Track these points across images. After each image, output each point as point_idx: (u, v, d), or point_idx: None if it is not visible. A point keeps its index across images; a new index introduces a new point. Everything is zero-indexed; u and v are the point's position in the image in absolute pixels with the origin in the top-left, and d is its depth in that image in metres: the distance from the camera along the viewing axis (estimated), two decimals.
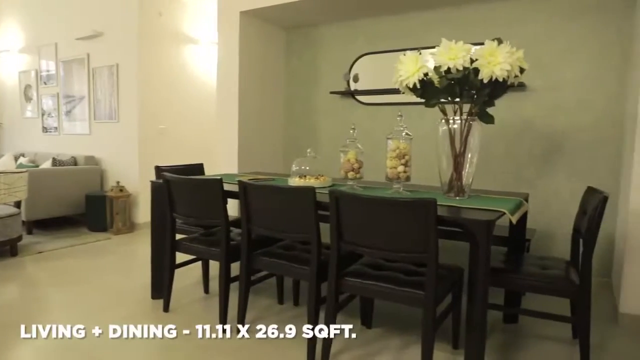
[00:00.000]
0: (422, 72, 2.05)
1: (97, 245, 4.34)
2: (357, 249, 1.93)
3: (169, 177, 2.52)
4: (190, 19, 5.38)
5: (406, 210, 1.78)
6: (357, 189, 2.48)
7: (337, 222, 1.94)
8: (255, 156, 4.20)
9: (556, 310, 2.20)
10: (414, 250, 1.79)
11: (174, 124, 5.27)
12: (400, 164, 2.29)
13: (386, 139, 2.36)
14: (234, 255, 2.40)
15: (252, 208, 2.25)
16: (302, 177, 2.59)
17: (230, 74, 4.06)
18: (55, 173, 4.84)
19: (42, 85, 6.07)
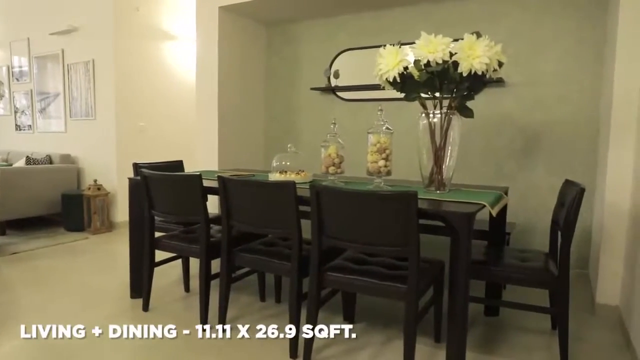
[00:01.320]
0: (402, 65, 2.04)
1: (74, 245, 4.24)
2: (339, 243, 1.92)
3: (147, 174, 2.46)
4: (168, 14, 5.29)
5: (387, 204, 1.77)
6: (338, 183, 2.46)
7: (318, 216, 1.92)
8: (235, 153, 4.16)
9: (536, 302, 2.22)
10: (395, 243, 1.79)
11: (153, 121, 5.18)
12: (381, 158, 2.29)
13: (367, 133, 2.35)
14: (214, 252, 2.36)
15: (232, 204, 2.21)
16: (283, 172, 2.56)
17: (209, 71, 4.01)
18: (30, 172, 4.71)
19: (15, 81, 5.90)
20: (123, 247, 4.10)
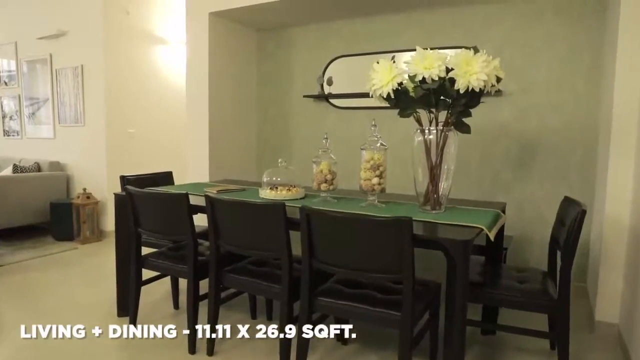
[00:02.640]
0: (396, 81, 1.96)
1: (62, 257, 4.14)
2: (330, 268, 1.84)
3: (132, 191, 2.37)
4: (158, 18, 5.19)
5: (380, 230, 1.69)
6: (330, 200, 2.39)
7: (309, 239, 1.85)
8: (227, 161, 4.07)
9: (534, 323, 2.16)
10: (389, 270, 1.71)
11: (144, 127, 5.07)
12: (374, 175, 2.21)
13: (360, 149, 2.27)
14: (203, 272, 2.28)
15: (221, 224, 2.13)
16: (274, 188, 2.48)
17: (200, 77, 3.91)
18: (17, 180, 4.61)
19: (3, 86, 5.78)
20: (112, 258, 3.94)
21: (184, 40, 5.24)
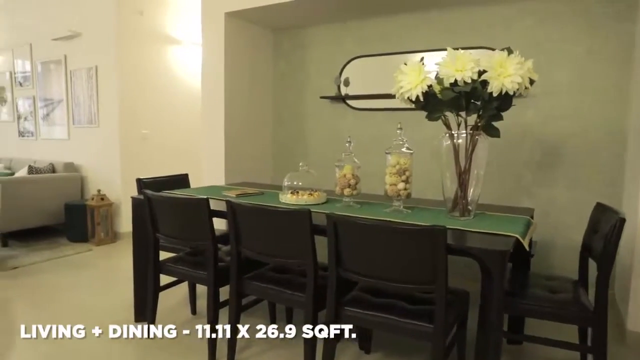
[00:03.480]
0: (425, 83, 1.89)
1: (77, 258, 4.12)
2: (357, 277, 1.77)
3: (151, 195, 2.33)
4: (172, 18, 5.16)
5: (413, 239, 1.62)
6: (353, 205, 2.32)
7: (336, 248, 1.78)
8: (242, 163, 4.02)
9: (563, 333, 2.07)
10: (421, 280, 1.64)
11: (158, 128, 5.05)
12: (400, 180, 2.14)
13: (385, 153, 2.20)
14: (223, 279, 2.23)
15: (242, 230, 2.07)
16: (295, 193, 2.42)
17: (216, 78, 3.86)
18: (32, 182, 4.60)
19: (18, 87, 5.79)
20: (127, 260, 3.96)
21: (197, 41, 5.21)
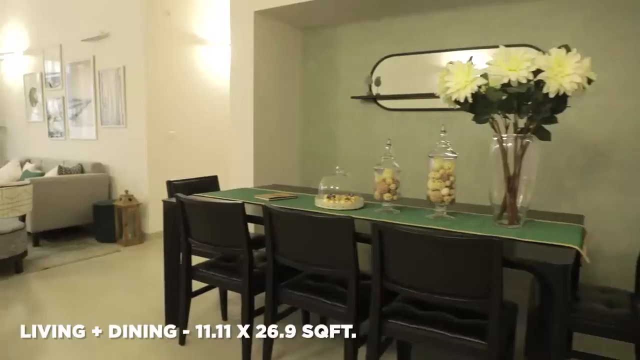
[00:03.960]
0: (475, 84, 1.78)
1: (105, 260, 4.12)
2: (404, 289, 1.68)
3: (184, 199, 2.27)
4: (199, 18, 5.13)
5: (465, 250, 1.52)
6: (393, 211, 2.23)
7: (381, 258, 1.69)
8: (271, 165, 3.95)
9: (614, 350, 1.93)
10: (473, 294, 1.54)
11: (184, 129, 5.03)
12: (444, 186, 2.04)
13: (428, 157, 2.10)
14: (258, 286, 2.16)
15: (279, 236, 2.00)
16: (331, 197, 2.34)
17: (245, 78, 3.79)
18: (62, 182, 4.63)
19: (48, 88, 5.85)
20: (155, 262, 3.97)
21: (224, 41, 5.18)
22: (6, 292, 3.26)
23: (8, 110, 6.62)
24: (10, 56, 6.36)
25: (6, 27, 6.44)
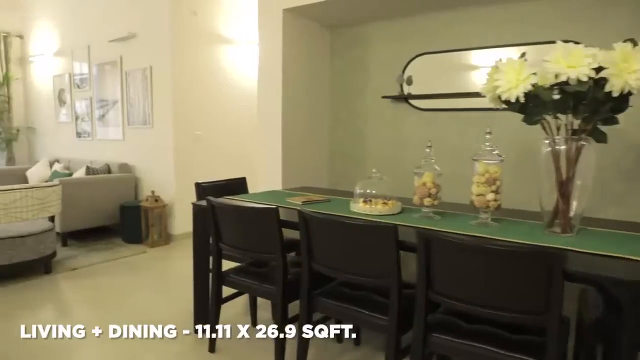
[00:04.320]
0: (529, 82, 1.66)
1: (132, 261, 4.11)
2: (451, 302, 1.57)
3: (215, 203, 2.20)
4: (225, 18, 5.09)
5: (521, 262, 1.41)
6: (433, 217, 2.12)
7: (427, 268, 1.58)
8: (299, 166, 3.86)
9: None
10: (528, 309, 1.42)
11: (210, 129, 5.00)
12: (490, 191, 1.92)
13: (472, 159, 1.98)
14: (292, 294, 2.07)
15: (315, 243, 1.91)
16: (367, 201, 2.23)
17: (273, 77, 3.72)
18: (90, 182, 4.65)
19: (76, 88, 5.91)
20: (181, 264, 3.95)
21: (251, 40, 5.13)
22: (36, 292, 3.26)
23: (38, 111, 6.72)
24: (41, 58, 6.45)
25: (37, 30, 6.53)
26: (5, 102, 6.53)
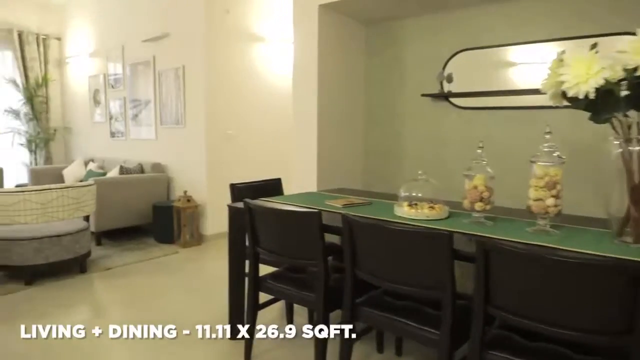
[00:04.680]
0: (601, 76, 1.50)
1: (165, 261, 4.09)
2: (513, 319, 1.43)
3: (253, 205, 2.12)
4: (258, 15, 5.03)
5: (601, 277, 1.26)
6: (484, 222, 1.97)
7: (486, 281, 1.45)
8: (334, 166, 3.74)
9: None
10: (607, 330, 1.27)
11: (242, 129, 4.95)
12: (550, 195, 1.76)
13: (529, 162, 1.83)
14: (333, 303, 1.97)
15: (360, 250, 1.80)
16: (412, 205, 2.10)
17: (309, 75, 3.61)
18: (123, 182, 4.66)
19: (110, 89, 5.97)
20: (213, 265, 3.91)
21: (284, 38, 5.06)
22: (72, 292, 3.26)
23: (74, 111, 6.83)
24: (77, 59, 6.55)
25: (73, 31, 6.64)
26: (43, 102, 6.66)
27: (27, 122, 6.50)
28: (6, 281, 3.39)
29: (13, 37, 6.30)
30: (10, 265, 3.33)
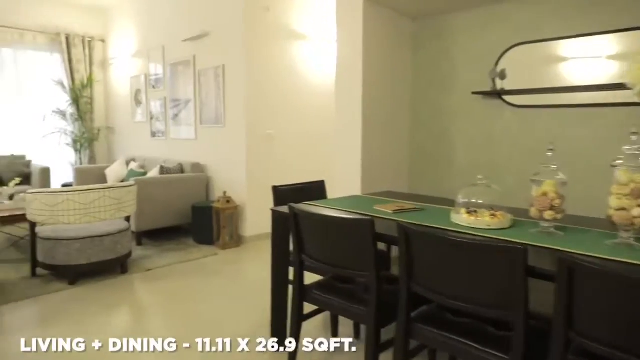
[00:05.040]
0: None
1: (204, 263, 4.04)
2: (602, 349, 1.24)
3: (298, 211, 1.99)
4: (298, 13, 4.93)
5: None
6: (554, 232, 1.78)
7: (568, 302, 1.27)
8: (379, 169, 3.58)
9: None
10: None
11: (283, 128, 4.86)
12: (636, 205, 1.55)
13: (611, 166, 1.63)
14: (386, 317, 1.82)
15: (418, 263, 1.64)
16: (472, 212, 1.93)
17: (353, 72, 3.47)
18: (163, 182, 4.66)
19: (151, 89, 6.01)
20: (254, 268, 3.84)
21: (325, 36, 4.93)
22: (114, 293, 3.25)
23: (116, 111, 6.95)
24: (119, 60, 6.66)
25: (116, 33, 6.76)
26: (88, 103, 6.81)
27: (72, 123, 6.66)
28: (52, 280, 3.42)
29: (61, 40, 6.47)
30: (55, 264, 3.36)
